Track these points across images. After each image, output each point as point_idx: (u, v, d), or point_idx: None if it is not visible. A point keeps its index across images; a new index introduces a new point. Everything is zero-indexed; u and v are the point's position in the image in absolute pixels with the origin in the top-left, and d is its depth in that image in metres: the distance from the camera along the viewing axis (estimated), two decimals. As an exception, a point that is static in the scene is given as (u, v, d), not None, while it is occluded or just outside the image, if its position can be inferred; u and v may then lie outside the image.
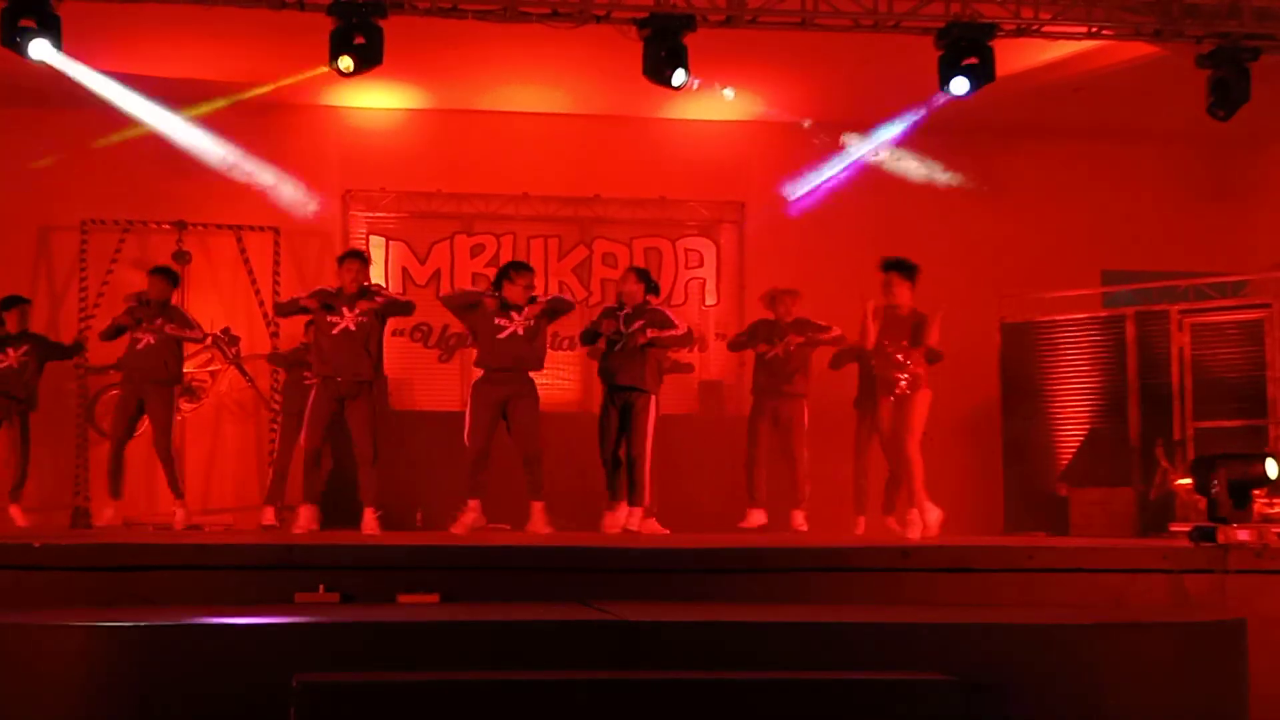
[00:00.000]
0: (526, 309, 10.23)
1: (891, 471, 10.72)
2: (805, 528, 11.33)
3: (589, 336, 10.87)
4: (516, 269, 10.46)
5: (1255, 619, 6.92)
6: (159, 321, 10.88)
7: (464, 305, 10.55)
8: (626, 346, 10.42)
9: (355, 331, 10.18)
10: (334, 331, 10.19)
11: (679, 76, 10.96)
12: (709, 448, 11.94)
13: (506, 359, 10.20)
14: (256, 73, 12.82)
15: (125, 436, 11.05)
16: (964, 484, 12.87)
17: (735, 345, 12.30)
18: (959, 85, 11.24)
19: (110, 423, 11.46)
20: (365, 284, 10.44)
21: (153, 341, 10.84)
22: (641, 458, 10.31)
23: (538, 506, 10.17)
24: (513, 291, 10.25)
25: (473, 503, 10.07)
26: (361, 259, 10.68)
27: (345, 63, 10.57)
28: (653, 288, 10.71)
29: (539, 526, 10.08)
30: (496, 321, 10.22)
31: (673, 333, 10.48)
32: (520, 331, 10.19)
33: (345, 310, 10.21)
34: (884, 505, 11.25)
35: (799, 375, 11.56)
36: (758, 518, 11.25)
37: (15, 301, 11.66)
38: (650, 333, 10.36)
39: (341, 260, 10.63)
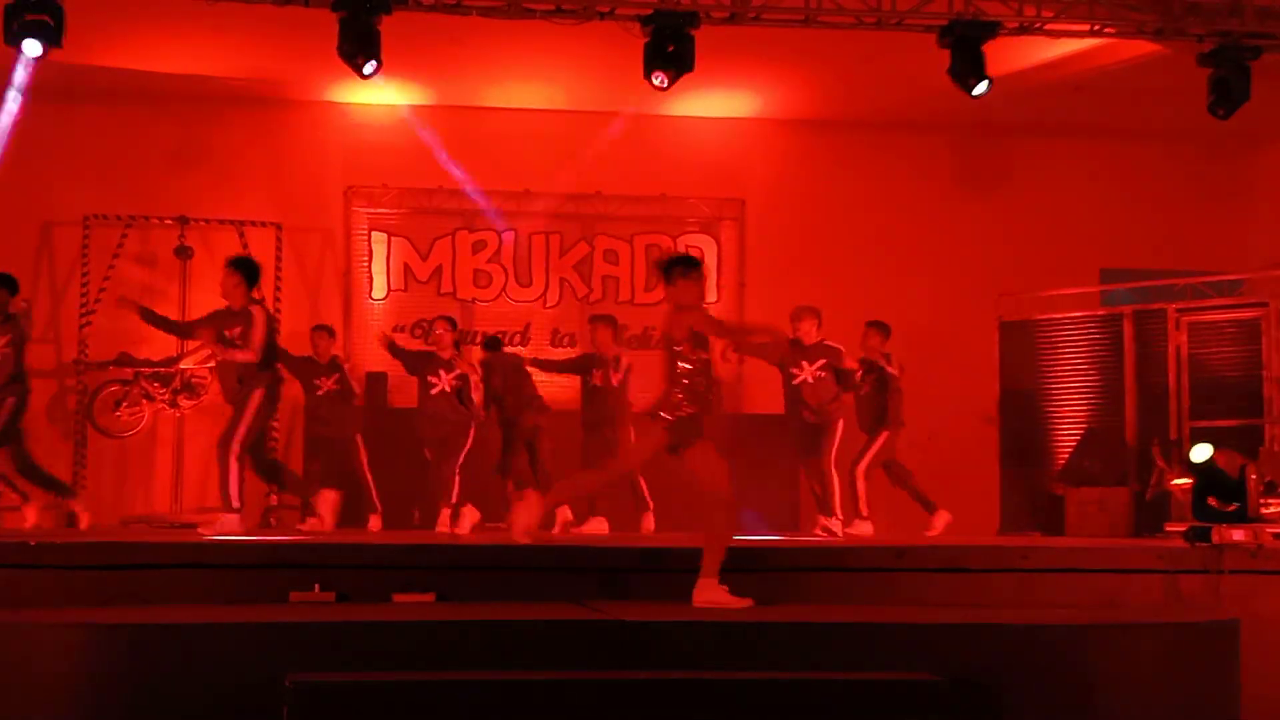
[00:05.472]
0: None
1: None
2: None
3: None
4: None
5: (1249, 619, 6.93)
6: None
7: None
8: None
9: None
10: (434, 392, 10.72)
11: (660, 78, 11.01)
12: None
13: None
14: (259, 68, 12.83)
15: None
16: (961, 483, 12.85)
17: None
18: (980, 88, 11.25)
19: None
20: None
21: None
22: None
23: None
24: None
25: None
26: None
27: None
28: None
29: None
30: None
31: None
32: None
33: (443, 372, 10.71)
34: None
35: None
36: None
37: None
38: None
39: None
